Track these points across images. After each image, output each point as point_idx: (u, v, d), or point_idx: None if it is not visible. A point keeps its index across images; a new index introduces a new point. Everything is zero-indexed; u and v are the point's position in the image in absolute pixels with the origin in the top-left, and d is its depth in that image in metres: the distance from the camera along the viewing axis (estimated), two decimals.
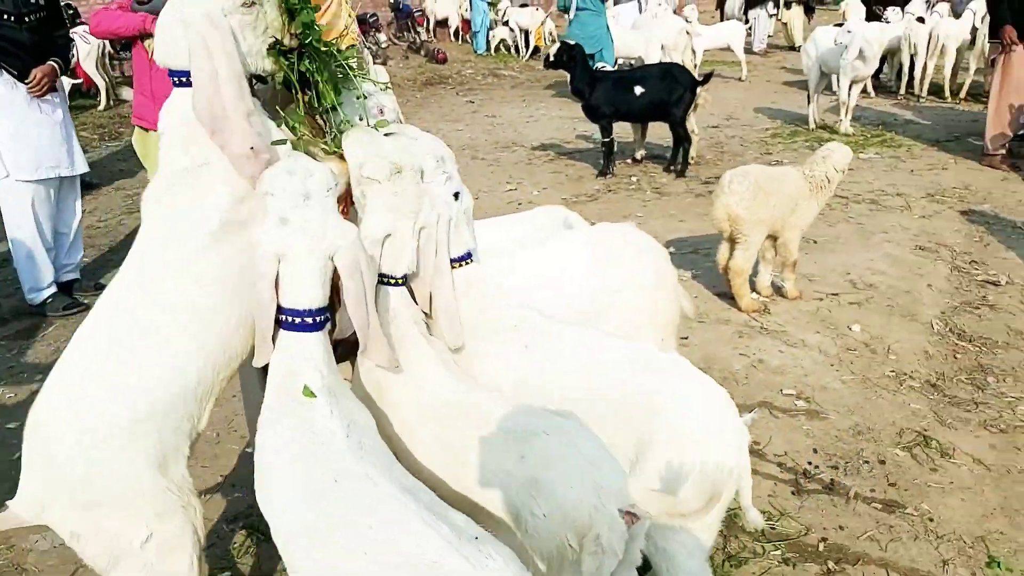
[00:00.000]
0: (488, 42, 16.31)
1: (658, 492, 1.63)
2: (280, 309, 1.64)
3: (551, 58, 7.10)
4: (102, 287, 5.28)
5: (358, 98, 2.00)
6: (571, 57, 6.94)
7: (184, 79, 1.77)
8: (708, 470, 1.54)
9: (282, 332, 1.66)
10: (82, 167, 5.00)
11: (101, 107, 11.01)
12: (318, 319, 1.65)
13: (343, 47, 2.03)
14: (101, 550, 1.71)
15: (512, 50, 16.31)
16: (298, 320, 1.63)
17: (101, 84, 10.96)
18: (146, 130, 4.69)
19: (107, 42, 10.77)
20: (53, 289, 4.90)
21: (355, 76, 1.99)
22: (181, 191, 1.76)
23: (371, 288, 1.72)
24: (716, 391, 1.90)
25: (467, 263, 2.02)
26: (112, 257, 6.04)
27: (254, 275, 1.63)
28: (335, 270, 1.66)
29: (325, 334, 1.69)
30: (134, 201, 7.54)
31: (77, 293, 5.06)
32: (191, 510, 1.79)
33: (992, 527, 2.79)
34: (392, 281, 1.87)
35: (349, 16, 2.56)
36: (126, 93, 6.45)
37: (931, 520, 2.82)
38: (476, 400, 1.79)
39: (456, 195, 1.97)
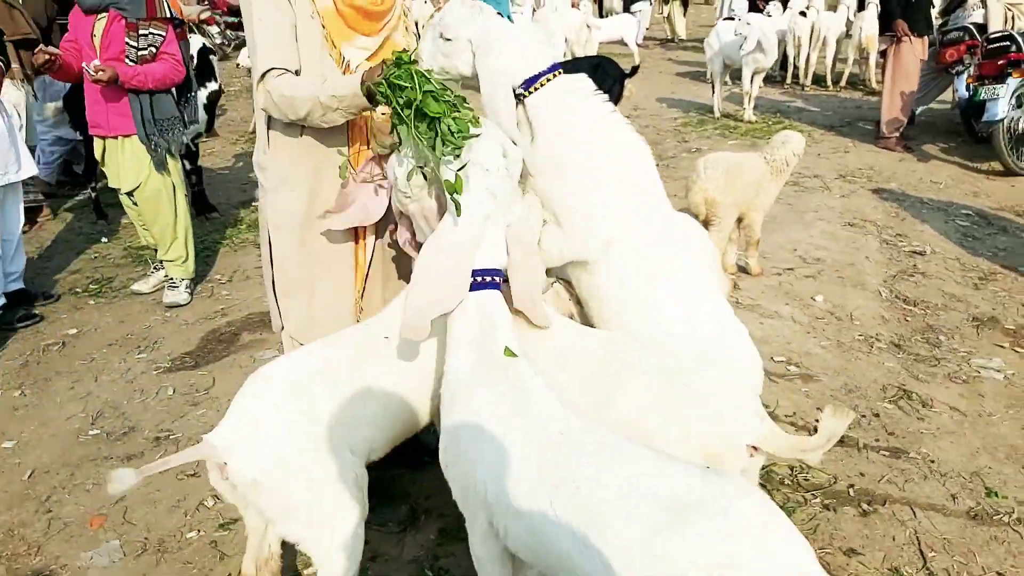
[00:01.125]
0: None
1: (784, 434, 1.88)
2: (475, 272, 1.82)
3: None
4: (51, 296, 5.01)
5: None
6: None
7: None
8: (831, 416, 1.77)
9: (472, 295, 1.80)
10: (29, 170, 4.72)
11: None
12: (500, 279, 1.82)
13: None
14: (277, 504, 1.95)
15: None
16: (490, 279, 1.80)
17: None
18: (103, 138, 4.55)
19: None
20: (2, 300, 4.61)
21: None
22: None
23: (534, 255, 1.95)
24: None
25: None
26: (45, 264, 5.70)
27: (459, 237, 1.81)
28: None
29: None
30: (50, 205, 7.11)
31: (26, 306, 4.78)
32: (357, 500, 2.02)
33: (981, 463, 3.18)
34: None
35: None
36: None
37: (932, 462, 3.18)
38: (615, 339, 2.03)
39: None
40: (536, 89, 2.20)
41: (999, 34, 7.02)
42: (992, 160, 7.12)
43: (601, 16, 16.11)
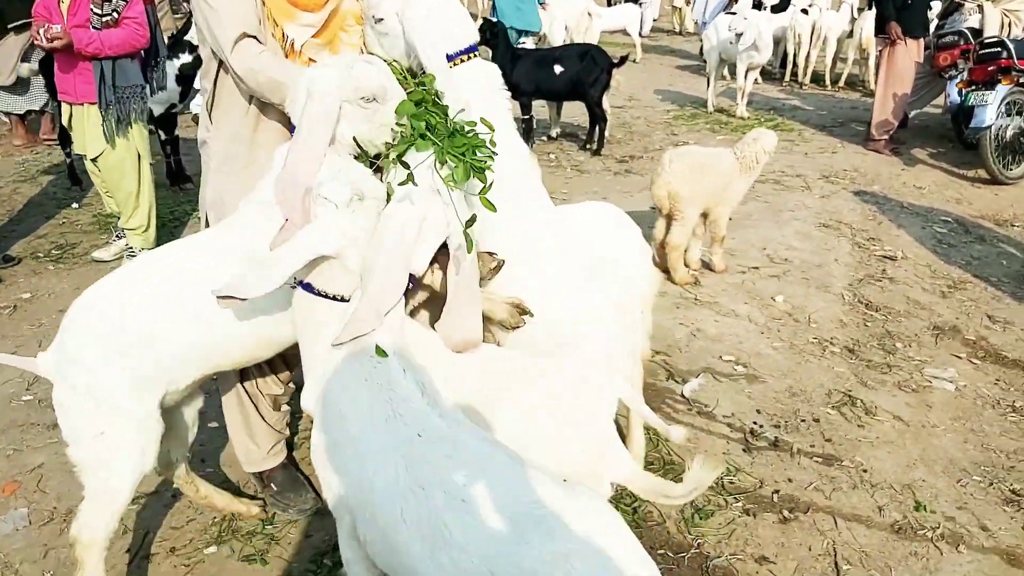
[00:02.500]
0: None
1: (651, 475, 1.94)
2: None
3: None
4: (12, 259, 5.00)
5: None
6: (493, 34, 7.01)
7: None
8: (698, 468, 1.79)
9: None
10: None
11: None
12: (411, 287, 1.79)
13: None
14: (67, 427, 2.04)
15: None
16: (409, 285, 1.76)
17: None
18: (70, 104, 4.53)
19: None
20: None
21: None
22: None
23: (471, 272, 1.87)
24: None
25: None
26: (13, 228, 5.67)
27: (396, 234, 1.75)
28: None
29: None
30: (26, 168, 7.09)
31: None
32: (145, 437, 2.07)
33: (915, 476, 3.13)
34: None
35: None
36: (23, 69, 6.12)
37: (865, 471, 3.14)
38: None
39: None
40: (452, 67, 2.15)
41: (991, 40, 6.90)
42: (979, 167, 7.02)
43: (611, 5, 15.97)
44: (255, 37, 2.18)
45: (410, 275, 1.77)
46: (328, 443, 1.70)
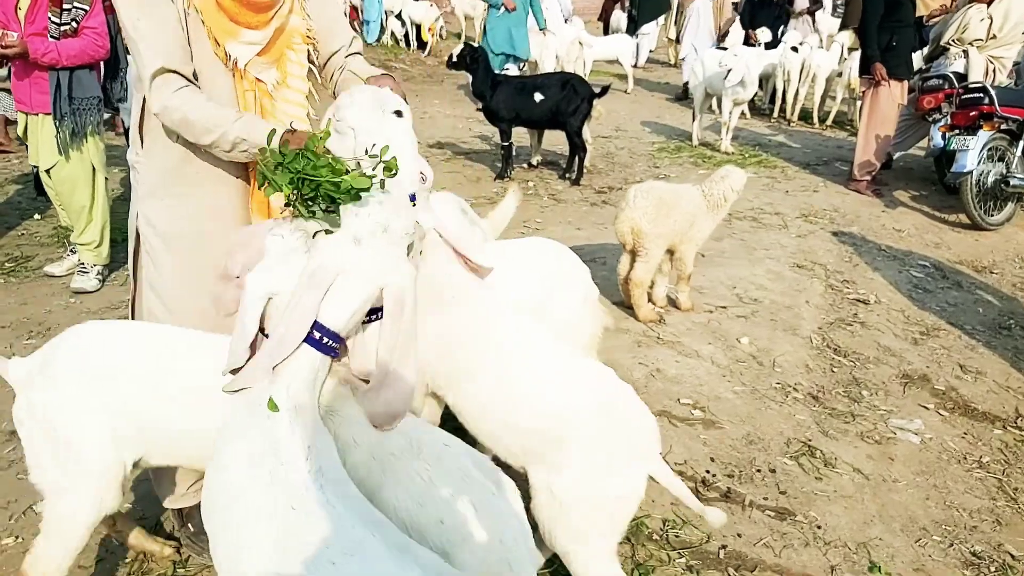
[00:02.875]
0: (381, 32, 16.01)
1: None
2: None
3: (454, 58, 7.07)
4: None
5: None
6: (474, 59, 6.94)
7: None
8: None
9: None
10: None
11: None
12: (336, 346, 1.57)
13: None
14: (27, 449, 1.96)
15: (402, 42, 16.11)
16: (325, 340, 1.54)
17: None
18: (26, 114, 4.44)
19: None
20: None
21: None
22: None
23: (409, 332, 1.60)
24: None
25: None
26: None
27: (302, 283, 1.53)
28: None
29: (329, 361, 1.61)
30: (8, 169, 6.97)
31: None
32: (106, 486, 1.95)
33: (872, 533, 3.00)
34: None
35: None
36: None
37: (819, 527, 2.99)
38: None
39: None
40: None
41: (974, 85, 6.86)
42: (960, 212, 6.95)
43: (607, 34, 16.00)
44: (177, 71, 2.07)
45: (333, 333, 1.57)
46: (211, 498, 1.56)
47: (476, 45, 7.15)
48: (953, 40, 7.55)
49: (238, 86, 2.19)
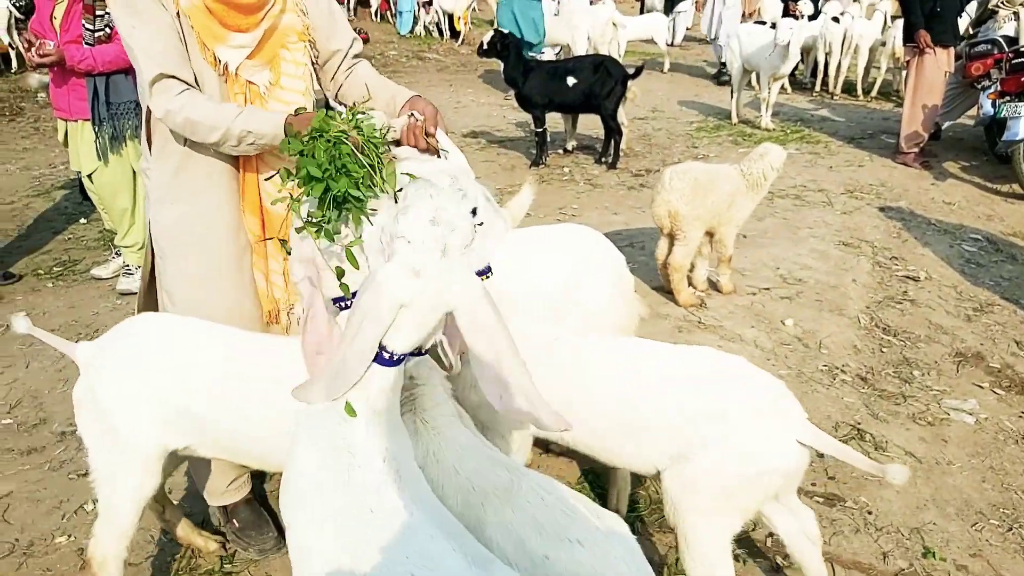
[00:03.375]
0: (415, 23, 16.01)
1: None
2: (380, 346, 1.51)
3: (484, 46, 7.02)
4: (12, 276, 4.97)
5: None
6: (505, 46, 6.88)
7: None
8: None
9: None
10: None
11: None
12: (404, 356, 1.53)
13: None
14: (82, 428, 2.06)
15: (436, 32, 16.10)
16: (392, 359, 1.49)
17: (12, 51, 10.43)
18: (66, 120, 4.52)
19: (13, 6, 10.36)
20: None
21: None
22: None
23: (505, 346, 1.49)
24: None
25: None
26: (20, 243, 5.66)
27: (363, 314, 1.47)
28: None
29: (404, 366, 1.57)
30: (41, 182, 7.12)
31: None
32: (143, 471, 2.04)
33: (926, 519, 2.91)
34: None
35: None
36: (32, 80, 6.15)
37: (870, 513, 2.91)
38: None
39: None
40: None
41: None
42: (1013, 182, 6.71)
43: (643, 13, 15.77)
44: (175, 76, 2.08)
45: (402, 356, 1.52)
46: (288, 498, 1.56)
47: (506, 31, 7.07)
48: (1002, 2, 7.26)
49: (228, 90, 2.18)
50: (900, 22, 9.87)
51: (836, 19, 10.85)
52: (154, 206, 2.32)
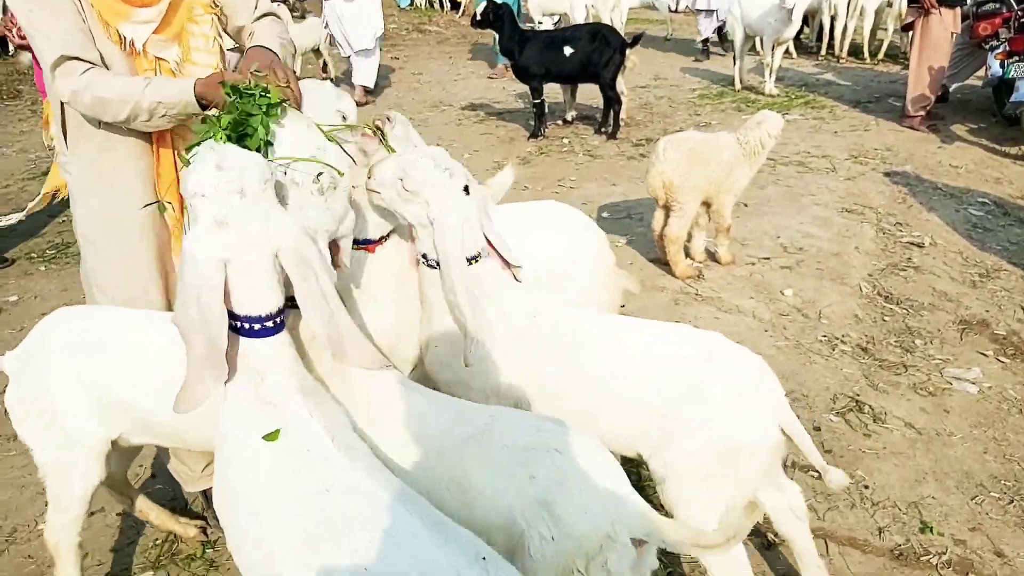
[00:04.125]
0: None
1: (678, 523, 1.65)
2: (234, 316, 1.47)
3: (478, 17, 6.88)
4: (6, 261, 4.94)
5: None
6: (498, 16, 6.74)
7: None
8: (735, 512, 1.45)
9: (241, 340, 1.49)
10: None
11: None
12: (277, 320, 1.49)
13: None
14: (21, 432, 2.04)
15: (436, 4, 15.89)
16: (258, 326, 1.46)
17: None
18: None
19: None
20: None
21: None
22: None
23: (329, 286, 1.53)
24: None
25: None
26: (15, 227, 5.61)
27: (192, 288, 1.43)
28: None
29: (287, 332, 1.53)
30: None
31: None
32: (87, 459, 2.04)
33: (924, 492, 2.84)
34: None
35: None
36: (25, 60, 6.10)
37: (866, 487, 2.85)
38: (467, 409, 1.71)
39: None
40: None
41: None
42: (1022, 144, 6.54)
43: None
44: (79, 57, 1.98)
45: (261, 316, 1.50)
46: (228, 493, 1.51)
47: (499, 2, 6.92)
48: None
49: (138, 68, 2.10)
50: None
51: None
52: (76, 199, 2.26)
